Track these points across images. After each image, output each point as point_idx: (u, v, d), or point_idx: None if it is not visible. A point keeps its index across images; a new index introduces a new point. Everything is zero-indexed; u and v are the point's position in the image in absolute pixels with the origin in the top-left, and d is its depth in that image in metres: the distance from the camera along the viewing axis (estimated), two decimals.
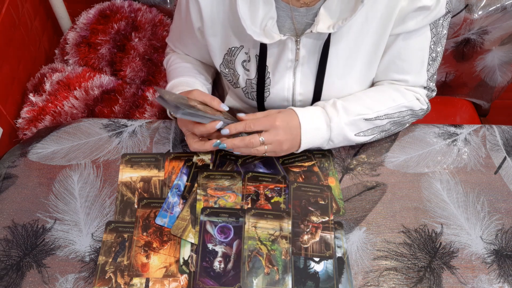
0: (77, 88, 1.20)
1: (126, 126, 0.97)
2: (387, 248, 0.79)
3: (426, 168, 0.91)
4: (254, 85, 0.91)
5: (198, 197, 0.84)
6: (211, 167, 0.89)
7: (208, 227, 0.80)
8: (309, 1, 0.81)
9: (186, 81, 0.94)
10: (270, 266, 0.76)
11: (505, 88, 1.40)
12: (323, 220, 0.82)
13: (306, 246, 0.79)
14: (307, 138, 0.84)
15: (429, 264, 0.78)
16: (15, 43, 1.19)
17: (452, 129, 0.98)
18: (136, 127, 0.96)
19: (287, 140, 0.82)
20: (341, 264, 0.77)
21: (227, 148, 0.81)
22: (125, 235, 0.80)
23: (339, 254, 0.78)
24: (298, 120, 0.83)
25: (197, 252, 0.77)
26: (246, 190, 0.85)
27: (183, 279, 0.75)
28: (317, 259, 0.77)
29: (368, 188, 0.87)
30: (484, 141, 0.96)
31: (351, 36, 0.84)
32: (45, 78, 1.23)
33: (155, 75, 1.30)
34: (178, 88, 0.91)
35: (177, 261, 0.77)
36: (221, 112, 0.82)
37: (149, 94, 1.23)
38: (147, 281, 0.75)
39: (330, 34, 0.83)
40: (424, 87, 0.94)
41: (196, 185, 0.85)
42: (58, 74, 1.24)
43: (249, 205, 0.83)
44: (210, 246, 0.78)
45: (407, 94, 0.91)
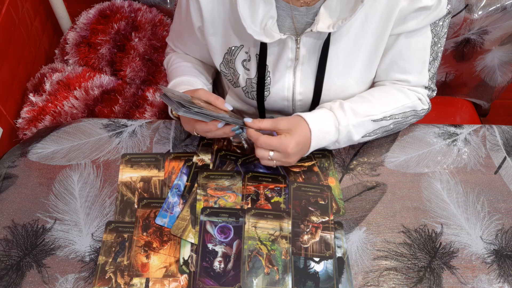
0: (77, 88, 1.20)
1: (126, 126, 0.97)
2: (387, 248, 0.79)
3: (426, 168, 0.91)
4: (254, 85, 0.91)
5: (198, 197, 0.84)
6: (211, 167, 0.89)
7: (208, 227, 0.80)
8: (309, 1, 0.81)
9: (188, 80, 0.94)
10: (270, 266, 0.76)
11: (505, 88, 1.40)
12: (323, 220, 0.82)
13: (306, 246, 0.79)
14: (316, 142, 0.84)
15: (429, 264, 0.78)
16: (15, 43, 1.19)
17: (452, 129, 0.98)
18: (136, 127, 0.96)
19: (296, 160, 0.83)
20: (341, 264, 0.77)
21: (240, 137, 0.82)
22: (125, 235, 0.80)
23: (339, 254, 0.78)
24: (309, 129, 0.83)
25: (197, 252, 0.77)
26: (246, 190, 0.85)
27: (183, 279, 0.75)
28: (317, 259, 0.77)
29: (368, 188, 0.87)
30: (484, 141, 0.96)
31: (351, 36, 0.84)
32: (45, 78, 1.23)
33: (155, 75, 1.30)
34: (180, 87, 0.91)
35: (177, 261, 0.77)
36: (225, 112, 0.82)
37: (149, 94, 1.23)
38: (147, 281, 0.75)
39: (330, 34, 0.83)
40: (426, 87, 0.94)
41: (196, 185, 0.85)
42: (58, 74, 1.24)
43: (249, 205, 0.83)
44: (210, 246, 0.78)
45: (410, 95, 0.91)
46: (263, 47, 0.85)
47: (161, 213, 0.82)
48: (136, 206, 0.83)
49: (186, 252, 0.78)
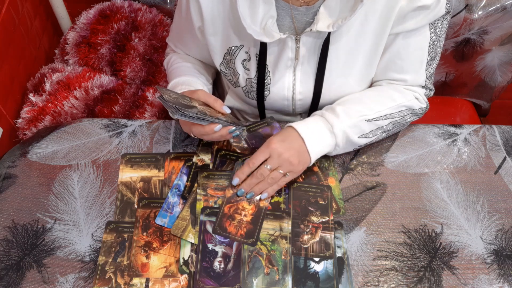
0: (77, 88, 1.20)
1: (126, 126, 0.97)
2: (387, 248, 0.79)
3: (426, 168, 0.91)
4: (254, 84, 0.91)
5: (198, 197, 0.84)
6: (211, 167, 0.89)
7: (208, 227, 0.80)
8: (309, 0, 0.82)
9: (188, 81, 0.94)
10: (270, 266, 0.76)
11: (505, 88, 1.40)
12: (323, 220, 0.82)
13: (306, 246, 0.79)
14: (314, 147, 0.83)
15: (429, 264, 0.78)
16: (15, 43, 1.19)
17: (452, 129, 0.98)
18: (136, 127, 0.96)
19: (293, 155, 0.81)
20: (341, 264, 0.77)
21: (246, 192, 0.82)
22: (125, 235, 0.80)
23: (339, 254, 0.78)
24: (297, 132, 0.83)
25: (197, 252, 0.77)
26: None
27: (183, 279, 0.75)
28: (317, 259, 0.77)
29: (368, 188, 0.87)
30: (484, 141, 0.96)
31: (351, 35, 0.84)
32: (45, 78, 1.23)
33: (155, 75, 1.30)
34: (180, 88, 0.91)
35: (177, 261, 0.77)
36: (223, 114, 0.82)
37: (149, 94, 1.23)
38: (147, 281, 0.75)
39: (330, 33, 0.83)
40: (423, 87, 0.94)
41: (196, 185, 0.85)
42: (58, 74, 1.24)
43: None
44: (210, 246, 0.78)
45: (406, 94, 0.91)
46: (263, 47, 0.85)
47: (161, 213, 0.82)
48: (136, 206, 0.83)
49: (186, 252, 0.78)
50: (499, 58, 1.31)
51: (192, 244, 0.78)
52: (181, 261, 0.77)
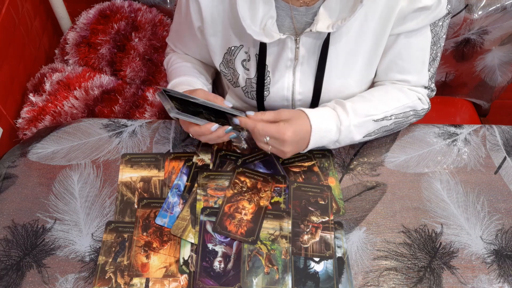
0: (77, 88, 1.20)
1: (126, 126, 0.97)
2: (387, 248, 0.79)
3: (426, 168, 0.91)
4: (254, 84, 0.91)
5: (198, 197, 0.84)
6: (211, 167, 0.89)
7: (208, 227, 0.80)
8: (309, 1, 0.82)
9: (187, 81, 0.94)
10: (270, 266, 0.76)
11: (505, 88, 1.40)
12: (323, 220, 0.82)
13: (306, 246, 0.79)
14: (315, 139, 0.83)
15: (429, 264, 0.78)
16: (15, 43, 1.19)
17: (452, 129, 0.98)
18: (136, 127, 0.96)
19: (291, 151, 0.82)
20: (341, 264, 0.77)
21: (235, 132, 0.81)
22: (125, 235, 0.80)
23: (339, 254, 0.78)
24: (309, 124, 0.82)
25: (197, 252, 0.77)
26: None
27: (183, 279, 0.75)
28: (317, 259, 0.77)
29: (368, 188, 0.87)
30: (484, 141, 0.96)
31: (351, 36, 0.84)
32: (45, 78, 1.23)
33: (155, 75, 1.30)
34: (179, 87, 0.91)
35: (177, 261, 0.77)
36: None
37: (149, 94, 1.23)
38: (147, 281, 0.75)
39: (330, 34, 0.83)
40: (425, 87, 0.94)
41: (196, 185, 0.85)
42: (58, 74, 1.24)
43: None
44: (210, 246, 0.78)
45: (410, 94, 0.91)
46: (263, 47, 0.85)
47: (161, 213, 0.82)
48: (136, 206, 0.83)
49: (186, 252, 0.78)
50: (499, 58, 1.31)
51: (192, 244, 0.78)
52: (181, 261, 0.77)
